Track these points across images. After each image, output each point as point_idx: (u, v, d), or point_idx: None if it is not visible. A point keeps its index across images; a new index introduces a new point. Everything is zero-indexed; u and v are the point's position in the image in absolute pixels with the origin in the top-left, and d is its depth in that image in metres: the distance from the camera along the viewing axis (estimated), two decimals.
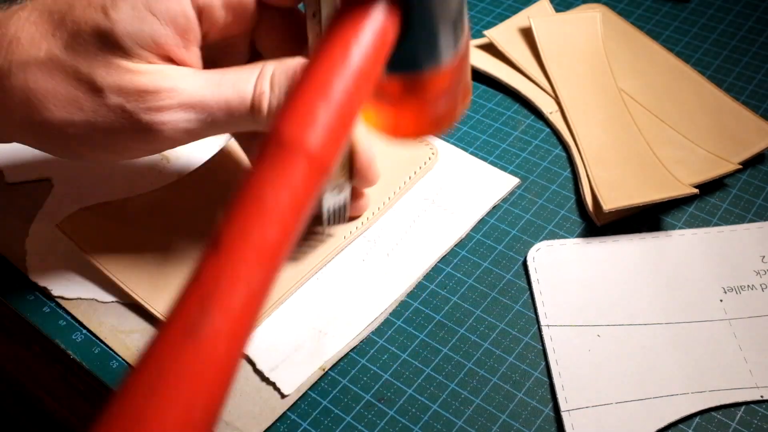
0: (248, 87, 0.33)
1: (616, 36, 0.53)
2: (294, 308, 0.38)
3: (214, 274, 0.18)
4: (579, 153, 0.46)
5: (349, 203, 0.39)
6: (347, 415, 0.35)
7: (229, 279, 0.18)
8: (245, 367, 0.36)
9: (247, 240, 0.19)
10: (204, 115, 0.32)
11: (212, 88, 0.32)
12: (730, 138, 0.46)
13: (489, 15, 0.58)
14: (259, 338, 0.37)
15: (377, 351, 0.37)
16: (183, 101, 0.32)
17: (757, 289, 0.39)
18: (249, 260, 0.18)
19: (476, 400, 0.35)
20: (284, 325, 0.38)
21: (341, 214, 0.39)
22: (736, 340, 0.37)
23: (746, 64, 0.53)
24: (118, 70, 0.32)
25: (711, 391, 0.35)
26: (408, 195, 0.44)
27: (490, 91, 0.51)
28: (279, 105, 0.33)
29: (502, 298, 0.39)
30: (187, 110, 0.32)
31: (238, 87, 0.33)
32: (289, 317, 0.38)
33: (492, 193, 0.44)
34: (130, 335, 0.37)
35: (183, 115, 0.32)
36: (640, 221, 0.43)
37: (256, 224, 0.19)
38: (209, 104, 0.32)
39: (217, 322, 0.18)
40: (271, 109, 0.33)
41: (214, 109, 0.33)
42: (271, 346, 0.37)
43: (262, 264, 0.19)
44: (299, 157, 0.19)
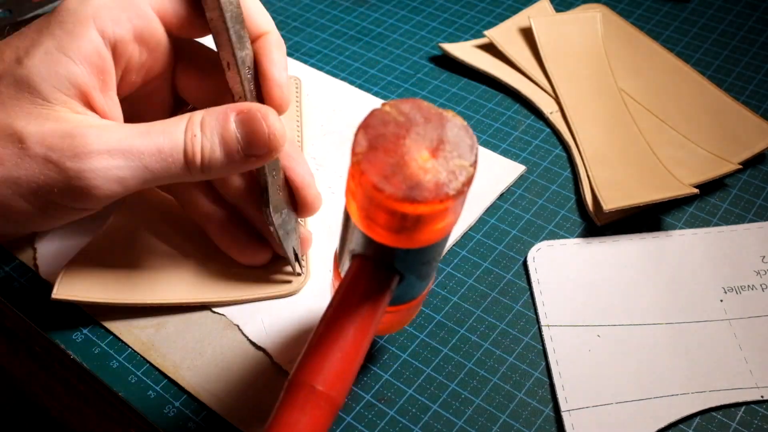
0: (179, 132, 0.32)
1: (617, 36, 0.53)
2: (307, 303, 0.39)
3: None
4: (579, 153, 0.46)
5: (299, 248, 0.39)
6: (347, 415, 0.35)
7: None
8: (263, 360, 0.36)
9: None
10: (135, 162, 0.31)
11: (141, 136, 0.31)
12: (730, 138, 0.46)
13: (489, 15, 0.58)
14: (275, 332, 0.37)
15: (377, 351, 0.37)
16: (111, 147, 0.30)
17: (757, 289, 0.39)
18: None
19: (476, 400, 0.35)
20: (299, 318, 0.38)
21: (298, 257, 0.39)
22: (736, 340, 0.37)
23: (746, 64, 0.53)
24: (40, 118, 0.30)
25: (711, 391, 0.35)
26: None
27: (490, 91, 0.51)
28: (213, 148, 0.32)
29: (502, 298, 0.39)
30: (116, 156, 0.30)
31: (169, 132, 0.31)
32: (304, 312, 0.38)
33: (500, 180, 0.45)
34: (145, 330, 0.38)
35: (113, 162, 0.30)
36: (640, 221, 0.43)
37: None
38: (140, 150, 0.31)
39: None
40: (204, 155, 0.32)
41: (146, 155, 0.31)
42: (288, 339, 0.37)
43: None
44: (324, 403, 0.25)
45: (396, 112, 0.25)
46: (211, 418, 0.35)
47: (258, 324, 0.37)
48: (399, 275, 0.27)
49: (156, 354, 0.37)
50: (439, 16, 0.58)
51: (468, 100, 0.51)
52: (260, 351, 0.37)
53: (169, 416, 0.35)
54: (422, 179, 0.24)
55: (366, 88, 0.51)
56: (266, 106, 0.33)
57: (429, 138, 0.25)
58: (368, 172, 0.24)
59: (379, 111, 0.25)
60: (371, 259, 0.27)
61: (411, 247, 0.26)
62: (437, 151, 0.25)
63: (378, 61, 0.54)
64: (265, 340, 0.37)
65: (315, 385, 0.25)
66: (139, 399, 0.35)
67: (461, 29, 0.57)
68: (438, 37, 0.56)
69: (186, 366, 0.36)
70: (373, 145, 0.24)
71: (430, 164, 0.24)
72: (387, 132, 0.25)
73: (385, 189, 0.23)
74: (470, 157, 0.25)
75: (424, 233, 0.25)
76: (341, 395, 0.25)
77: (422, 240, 0.25)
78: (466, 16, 0.58)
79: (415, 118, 0.25)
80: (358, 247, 0.27)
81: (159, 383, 0.36)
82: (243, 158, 0.33)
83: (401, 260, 0.27)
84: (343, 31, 0.57)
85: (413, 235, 0.25)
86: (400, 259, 0.27)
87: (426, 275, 0.29)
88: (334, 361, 0.25)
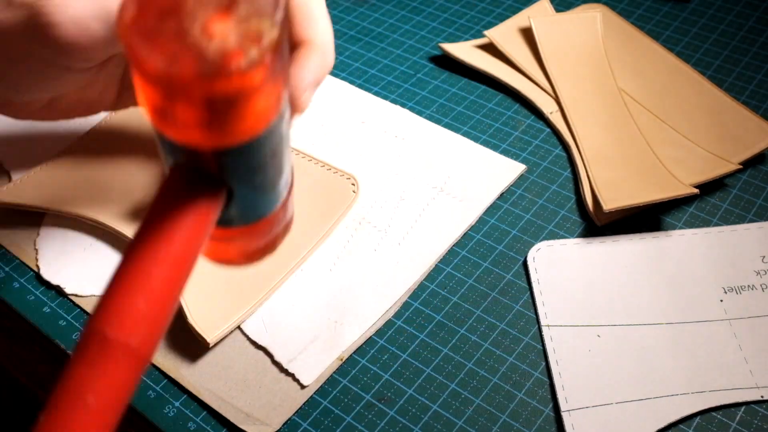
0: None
1: (617, 36, 0.53)
2: (308, 300, 0.39)
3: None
4: (579, 153, 0.46)
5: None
6: (347, 415, 0.35)
7: None
8: (263, 359, 0.36)
9: None
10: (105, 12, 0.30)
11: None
12: (730, 138, 0.46)
13: (489, 15, 0.58)
14: (275, 330, 0.37)
15: (377, 351, 0.37)
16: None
17: (757, 289, 0.39)
18: None
19: (476, 400, 0.35)
20: (299, 317, 0.38)
21: None
22: (736, 340, 0.37)
23: (746, 64, 0.53)
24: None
25: (711, 391, 0.35)
26: (416, 185, 0.44)
27: (490, 91, 0.51)
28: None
29: (502, 298, 0.39)
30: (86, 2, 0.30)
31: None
32: (304, 309, 0.38)
33: (500, 179, 0.45)
34: None
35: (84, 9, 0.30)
36: (640, 221, 0.43)
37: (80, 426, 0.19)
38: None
39: None
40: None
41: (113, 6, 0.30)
42: (288, 338, 0.37)
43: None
44: (121, 355, 0.19)
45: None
46: (212, 418, 0.35)
47: (258, 323, 0.37)
48: (224, 187, 0.22)
49: (157, 354, 0.37)
50: (439, 16, 0.58)
51: (468, 100, 0.51)
52: (260, 350, 0.37)
53: (169, 416, 0.35)
54: (205, 48, 0.19)
55: (366, 88, 0.51)
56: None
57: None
58: (138, 47, 0.19)
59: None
60: (184, 170, 0.21)
61: (223, 146, 0.20)
62: (229, 11, 0.19)
63: (378, 61, 0.54)
64: (266, 339, 0.37)
65: (108, 332, 0.19)
66: (139, 399, 0.35)
67: (461, 29, 0.57)
68: (438, 37, 0.56)
69: (186, 365, 0.36)
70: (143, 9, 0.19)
71: (218, 28, 0.19)
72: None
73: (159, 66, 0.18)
74: (274, 16, 0.19)
75: (234, 124, 0.20)
76: (146, 345, 0.20)
77: (234, 134, 0.20)
78: (466, 16, 0.58)
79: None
80: (165, 154, 0.22)
81: (159, 383, 0.36)
82: None
83: (221, 166, 0.21)
84: (343, 31, 0.57)
85: (219, 127, 0.20)
86: (218, 165, 0.21)
87: (264, 186, 0.24)
88: (135, 301, 0.20)
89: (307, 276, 0.40)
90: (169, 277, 0.20)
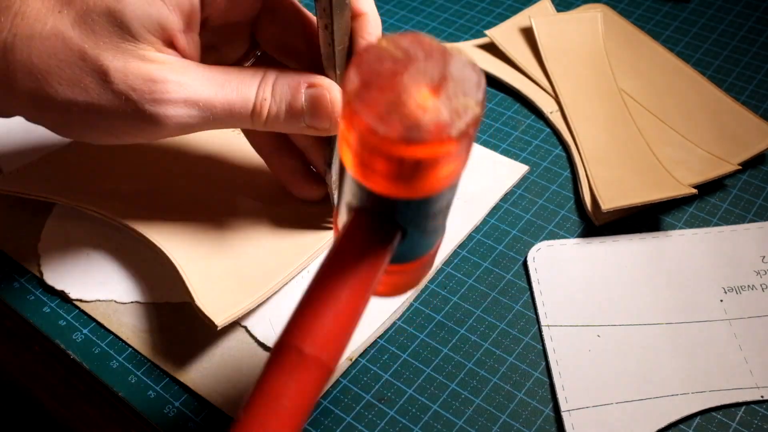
0: (251, 92, 0.33)
1: (617, 36, 0.53)
2: None
3: None
4: (579, 153, 0.46)
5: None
6: (347, 415, 0.35)
7: None
8: None
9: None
10: (207, 113, 0.33)
11: (216, 88, 0.33)
12: (730, 138, 0.46)
13: (489, 15, 0.58)
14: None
15: (377, 351, 0.37)
16: (188, 97, 0.32)
17: (757, 289, 0.39)
18: None
19: (476, 401, 0.35)
20: None
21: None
22: (736, 340, 0.37)
23: (746, 64, 0.53)
24: (125, 54, 0.32)
25: (711, 391, 0.35)
26: None
27: (491, 91, 0.51)
28: (278, 112, 0.34)
29: (502, 298, 0.39)
30: (191, 106, 0.32)
31: (242, 91, 0.33)
32: None
33: (503, 180, 0.45)
34: (153, 334, 0.38)
35: (186, 111, 0.32)
36: (640, 221, 0.43)
37: (274, 424, 0.22)
38: (213, 103, 0.33)
39: None
40: (270, 116, 0.34)
41: (218, 108, 0.33)
42: None
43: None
44: (314, 368, 0.23)
45: (393, 47, 0.23)
46: (212, 418, 0.35)
47: (266, 324, 0.37)
48: (401, 230, 0.25)
49: (164, 358, 0.37)
50: (439, 16, 0.58)
51: None
52: (268, 351, 0.37)
53: (169, 416, 0.35)
54: (421, 119, 0.21)
55: None
56: (336, 87, 0.34)
57: (430, 74, 0.22)
58: (361, 112, 0.22)
59: (373, 47, 0.23)
60: (369, 213, 0.25)
61: (411, 197, 0.24)
62: (439, 89, 0.22)
63: None
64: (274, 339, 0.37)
65: (303, 347, 0.23)
66: (139, 399, 0.35)
67: (461, 29, 0.57)
68: (438, 37, 0.56)
69: (195, 369, 0.36)
70: (366, 83, 0.22)
71: (430, 103, 0.22)
72: (382, 69, 0.22)
73: (379, 130, 0.21)
74: (477, 95, 0.22)
75: (426, 181, 0.23)
76: (333, 359, 0.23)
77: (423, 189, 0.23)
78: (466, 16, 0.58)
79: (415, 54, 0.23)
80: (355, 199, 0.25)
81: (159, 383, 0.36)
82: (305, 127, 0.35)
83: (402, 213, 0.25)
84: None
85: (413, 183, 0.23)
86: (401, 212, 0.24)
87: (432, 231, 0.27)
88: (326, 321, 0.23)
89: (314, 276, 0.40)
90: (354, 303, 0.24)
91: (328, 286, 0.24)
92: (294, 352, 0.23)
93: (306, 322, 0.23)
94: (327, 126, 0.35)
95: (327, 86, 0.34)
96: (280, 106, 0.34)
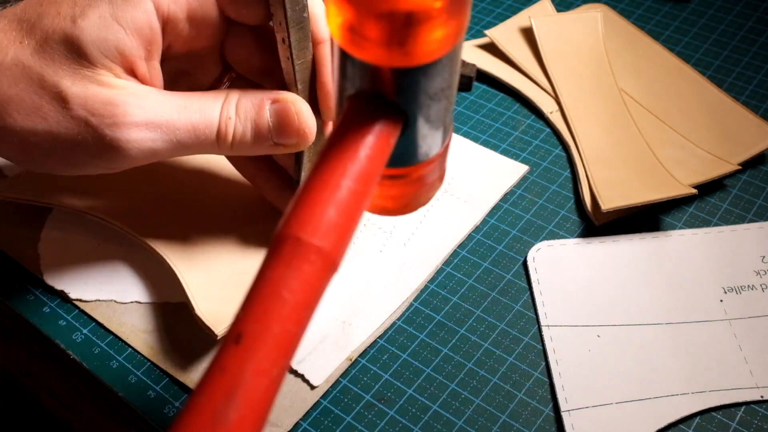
0: (215, 112, 0.33)
1: (617, 36, 0.53)
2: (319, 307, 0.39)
3: (238, 367, 0.20)
4: (579, 153, 0.46)
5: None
6: (347, 415, 0.35)
7: (253, 372, 0.20)
8: None
9: (269, 334, 0.20)
10: (170, 136, 0.32)
11: (179, 110, 0.32)
12: (730, 138, 0.46)
13: (489, 15, 0.58)
14: None
15: (377, 351, 0.37)
16: (149, 119, 0.32)
17: (757, 289, 0.39)
18: (270, 353, 0.20)
19: (476, 400, 0.35)
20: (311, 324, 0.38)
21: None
22: (736, 340, 0.37)
23: (746, 64, 0.53)
24: (84, 80, 0.31)
25: (711, 391, 0.35)
26: None
27: (491, 91, 0.51)
28: (244, 131, 0.33)
29: (502, 299, 0.39)
30: (152, 129, 0.32)
31: (205, 111, 0.33)
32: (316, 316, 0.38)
33: (503, 180, 0.45)
34: (153, 334, 0.38)
35: (148, 134, 0.32)
36: (640, 221, 0.43)
37: (276, 319, 0.20)
38: (175, 125, 0.32)
39: (242, 411, 0.19)
40: (236, 136, 0.33)
41: (181, 131, 0.32)
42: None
43: (282, 356, 0.20)
44: (315, 258, 0.21)
45: None
46: None
47: None
48: (401, 115, 0.24)
49: (164, 358, 0.37)
50: None
51: (468, 100, 0.51)
52: None
53: (169, 416, 0.35)
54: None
55: None
56: (301, 99, 0.34)
57: None
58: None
59: None
60: (367, 96, 0.24)
61: (406, 66, 0.22)
62: None
63: None
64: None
65: (302, 236, 0.21)
66: (139, 399, 0.35)
67: None
68: None
69: (195, 369, 0.36)
70: None
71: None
72: None
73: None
74: None
75: (419, 44, 0.22)
76: (336, 250, 0.22)
77: (418, 54, 0.22)
78: None
79: None
80: (350, 84, 0.24)
81: (159, 383, 0.36)
82: (272, 145, 0.34)
83: (400, 90, 0.23)
84: None
85: (407, 46, 0.21)
86: (399, 89, 0.23)
87: (435, 120, 0.25)
88: (326, 209, 0.21)
89: None
90: (356, 190, 0.22)
91: (327, 174, 0.22)
92: (292, 241, 0.21)
93: (304, 210, 0.21)
94: (294, 141, 0.34)
95: (291, 100, 0.34)
96: (246, 124, 0.33)
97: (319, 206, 0.21)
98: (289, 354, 0.21)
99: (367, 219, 0.42)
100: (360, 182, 0.22)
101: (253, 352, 0.20)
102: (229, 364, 0.20)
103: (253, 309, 0.20)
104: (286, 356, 0.20)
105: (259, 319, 0.20)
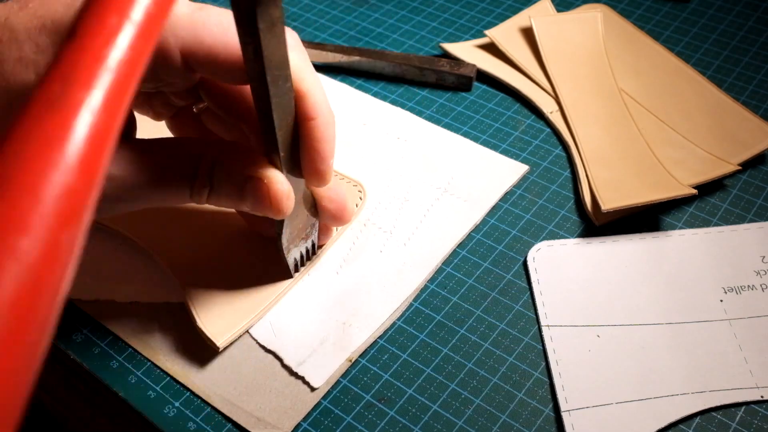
0: (188, 179, 0.33)
1: (617, 36, 0.53)
2: (316, 302, 0.39)
3: (73, 58, 0.18)
4: (579, 153, 0.46)
5: (317, 241, 0.40)
6: (347, 415, 0.35)
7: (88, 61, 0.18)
8: (273, 363, 0.36)
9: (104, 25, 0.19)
10: (144, 202, 0.33)
11: (156, 183, 0.32)
12: (730, 138, 0.46)
13: (489, 15, 0.58)
14: (284, 334, 0.37)
15: (377, 351, 0.37)
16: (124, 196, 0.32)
17: (757, 289, 0.39)
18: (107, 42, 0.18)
19: (476, 401, 0.35)
20: (308, 320, 0.38)
21: (309, 255, 0.40)
22: (736, 340, 0.37)
23: (746, 64, 0.53)
24: None
25: (711, 391, 0.35)
26: (420, 186, 0.44)
27: (490, 91, 0.51)
28: (218, 199, 0.33)
29: (502, 299, 0.39)
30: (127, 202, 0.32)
31: (178, 181, 0.33)
32: (312, 312, 0.38)
33: (503, 179, 0.45)
34: (153, 334, 0.38)
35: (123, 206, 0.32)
36: (640, 221, 0.43)
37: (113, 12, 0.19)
38: (150, 197, 0.33)
39: (78, 94, 0.18)
40: (210, 201, 0.34)
41: (155, 200, 0.33)
42: (297, 341, 0.37)
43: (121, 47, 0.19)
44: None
45: None
46: (212, 418, 0.35)
47: (267, 327, 0.37)
48: None
49: (164, 358, 0.37)
50: (439, 16, 0.58)
51: (468, 100, 0.51)
52: (270, 354, 0.37)
53: (169, 416, 0.35)
54: None
55: (365, 89, 0.51)
56: (277, 176, 0.33)
57: None
58: None
59: None
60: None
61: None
62: None
63: None
64: (275, 343, 0.37)
65: None
66: (139, 399, 0.35)
67: (461, 29, 0.57)
68: (438, 37, 0.56)
69: (196, 371, 0.36)
70: None
71: None
72: None
73: None
74: None
75: None
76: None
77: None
78: (466, 16, 0.58)
79: None
80: None
81: (159, 383, 0.36)
82: (249, 210, 0.34)
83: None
84: (343, 31, 0.57)
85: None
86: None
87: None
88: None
89: (313, 279, 0.40)
90: None
91: None
92: None
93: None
94: (270, 213, 0.34)
95: (269, 178, 0.33)
96: (219, 194, 0.33)
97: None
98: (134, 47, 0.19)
99: (367, 219, 0.42)
100: None
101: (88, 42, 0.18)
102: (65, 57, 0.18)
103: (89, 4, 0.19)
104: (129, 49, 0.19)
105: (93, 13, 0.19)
